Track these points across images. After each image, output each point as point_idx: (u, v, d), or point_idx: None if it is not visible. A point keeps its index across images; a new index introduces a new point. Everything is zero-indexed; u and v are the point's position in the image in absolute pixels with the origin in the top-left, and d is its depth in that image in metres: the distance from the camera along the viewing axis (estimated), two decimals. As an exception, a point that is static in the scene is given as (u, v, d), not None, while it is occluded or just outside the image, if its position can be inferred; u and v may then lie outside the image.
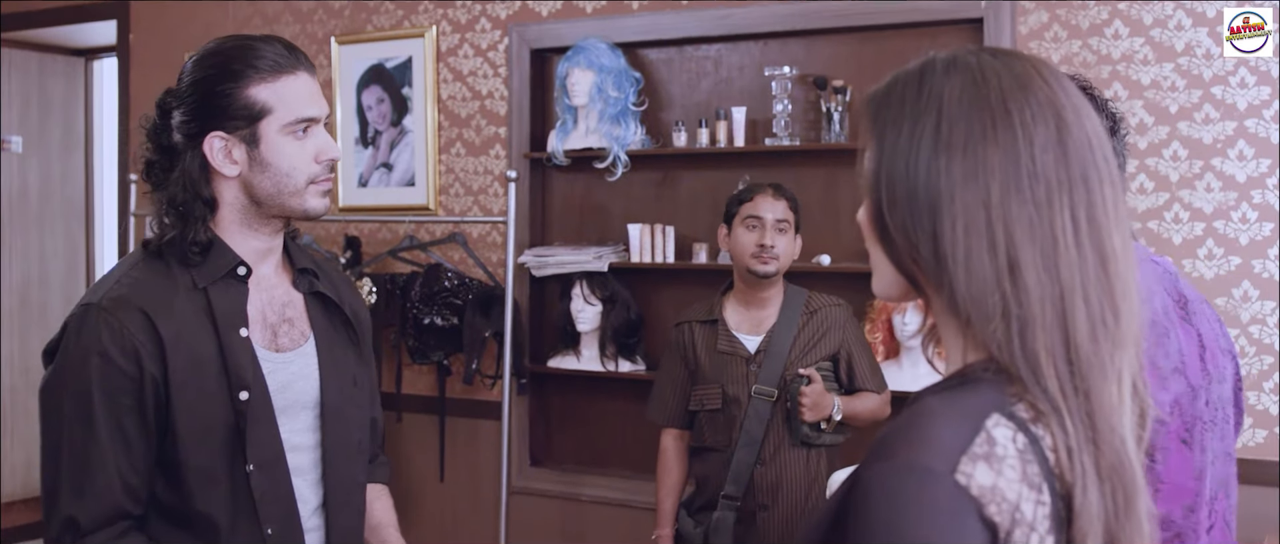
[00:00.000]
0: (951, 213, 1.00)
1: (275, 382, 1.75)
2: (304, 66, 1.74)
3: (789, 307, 2.99)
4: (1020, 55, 1.06)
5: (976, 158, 1.00)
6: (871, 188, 1.06)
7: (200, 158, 1.71)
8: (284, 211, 1.76)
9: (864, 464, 0.99)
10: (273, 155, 1.71)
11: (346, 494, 1.86)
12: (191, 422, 1.66)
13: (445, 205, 4.31)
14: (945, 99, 1.02)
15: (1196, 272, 3.27)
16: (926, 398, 1.03)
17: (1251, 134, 3.21)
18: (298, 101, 1.71)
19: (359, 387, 1.90)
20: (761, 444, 2.91)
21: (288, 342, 1.80)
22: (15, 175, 5.63)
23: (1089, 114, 1.03)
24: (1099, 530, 0.97)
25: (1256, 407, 3.21)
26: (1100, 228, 1.00)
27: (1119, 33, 3.34)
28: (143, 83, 5.09)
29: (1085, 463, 0.97)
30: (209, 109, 1.69)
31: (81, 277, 5.91)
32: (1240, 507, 3.20)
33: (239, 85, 1.68)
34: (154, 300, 1.67)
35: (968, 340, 1.04)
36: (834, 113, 3.66)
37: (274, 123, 1.70)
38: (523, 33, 4.14)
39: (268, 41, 1.73)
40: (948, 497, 0.93)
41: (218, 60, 1.71)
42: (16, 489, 5.66)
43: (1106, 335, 0.99)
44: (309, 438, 1.81)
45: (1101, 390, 0.99)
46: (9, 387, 5.60)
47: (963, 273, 1.00)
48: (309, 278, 1.87)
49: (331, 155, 1.75)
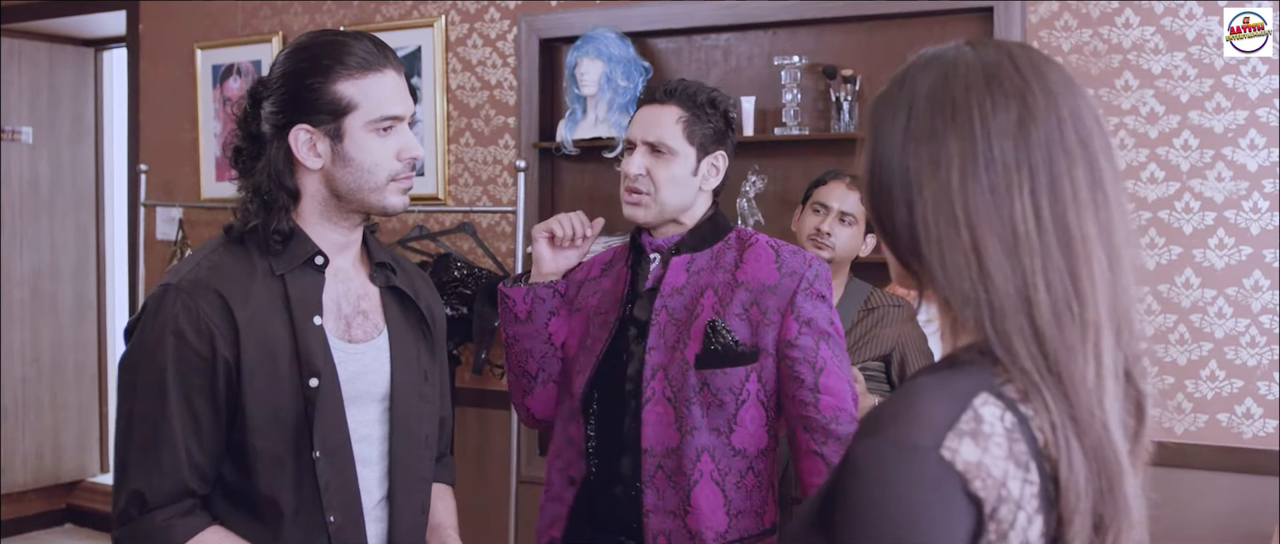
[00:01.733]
0: (922, 201, 1.03)
1: (346, 371, 1.77)
2: (391, 64, 1.76)
3: (847, 301, 2.92)
4: (1002, 44, 1.09)
5: (938, 147, 1.03)
6: (866, 182, 1.10)
7: (285, 149, 1.74)
8: (364, 207, 1.79)
9: (853, 440, 1.01)
10: (356, 151, 1.73)
11: (412, 489, 1.86)
12: (261, 406, 1.69)
13: (454, 195, 4.32)
14: (916, 93, 1.06)
15: (1207, 261, 3.27)
16: (920, 377, 1.05)
17: (1263, 123, 3.20)
18: (383, 99, 1.73)
19: (429, 382, 1.92)
20: None
21: (361, 333, 1.82)
22: (25, 166, 5.64)
23: (1068, 97, 1.04)
24: (1087, 508, 0.98)
25: (1267, 396, 3.21)
26: (1065, 212, 1.01)
27: (1129, 22, 3.33)
28: (152, 73, 5.10)
29: (1069, 439, 0.98)
30: (296, 102, 1.72)
31: (91, 267, 5.92)
32: (1249, 497, 3.21)
33: (327, 80, 1.71)
34: (231, 285, 1.70)
35: (955, 323, 1.07)
36: (843, 102, 3.66)
37: (358, 119, 1.72)
38: (532, 22, 4.14)
39: (358, 38, 1.75)
40: (933, 471, 0.95)
41: (308, 54, 1.74)
42: (29, 479, 5.69)
43: (1073, 320, 1.00)
44: (377, 430, 1.82)
45: (1073, 374, 1.00)
46: (20, 377, 5.63)
47: (938, 261, 1.03)
48: (386, 272, 1.89)
49: (413, 153, 1.77)
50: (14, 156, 5.59)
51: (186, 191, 4.98)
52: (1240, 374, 3.24)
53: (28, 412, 5.68)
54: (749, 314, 2.08)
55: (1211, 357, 3.27)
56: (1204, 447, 3.25)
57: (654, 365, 2.08)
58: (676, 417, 2.06)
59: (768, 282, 2.09)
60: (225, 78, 4.87)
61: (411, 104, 1.79)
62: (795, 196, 3.83)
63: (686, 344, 2.07)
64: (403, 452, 1.84)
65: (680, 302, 2.11)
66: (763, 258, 2.12)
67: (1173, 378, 3.30)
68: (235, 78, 4.84)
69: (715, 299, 2.09)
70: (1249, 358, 3.22)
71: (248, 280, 1.72)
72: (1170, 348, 3.30)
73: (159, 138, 5.09)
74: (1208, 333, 3.27)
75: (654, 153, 2.16)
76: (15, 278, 5.61)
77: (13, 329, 5.59)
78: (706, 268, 2.13)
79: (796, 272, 2.10)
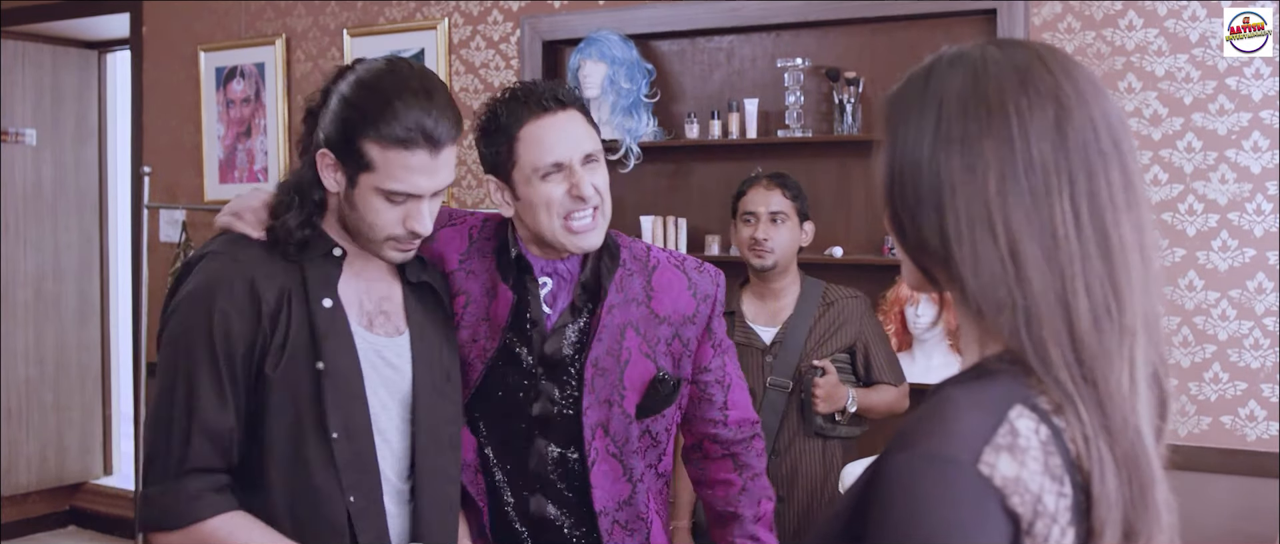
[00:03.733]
0: (954, 207, 1.00)
1: (367, 361, 1.79)
2: (430, 145, 1.70)
3: (805, 298, 2.99)
4: (1027, 44, 1.06)
5: (974, 150, 1.00)
6: (885, 185, 1.07)
7: (314, 161, 1.77)
8: (361, 245, 1.81)
9: (885, 454, 0.98)
10: (362, 204, 1.75)
11: (436, 487, 1.86)
12: (281, 387, 1.72)
13: (458, 197, 4.32)
14: (945, 94, 1.03)
15: (1211, 263, 3.26)
16: (948, 388, 1.02)
17: (1266, 125, 3.20)
18: (403, 174, 1.71)
19: (452, 382, 1.91)
20: (777, 435, 2.91)
21: (382, 332, 1.83)
22: (29, 168, 5.65)
23: (1098, 100, 1.03)
24: (1118, 518, 0.97)
25: (1270, 399, 3.20)
26: (1103, 214, 1.00)
27: (1132, 24, 3.33)
28: (155, 76, 5.11)
29: (1102, 450, 0.97)
30: (333, 129, 1.74)
31: (95, 269, 5.93)
32: (1252, 499, 3.21)
33: (359, 132, 1.70)
34: (257, 268, 1.74)
35: (983, 332, 1.03)
36: (846, 104, 3.66)
37: (372, 180, 1.72)
38: (535, 24, 4.14)
39: (416, 105, 1.69)
40: (971, 487, 0.93)
41: (362, 96, 1.72)
42: (32, 481, 5.69)
43: (1111, 325, 0.99)
44: (400, 427, 1.83)
45: (1110, 380, 0.98)
46: (23, 378, 5.63)
47: (970, 266, 1.00)
48: (417, 267, 1.90)
49: (417, 228, 1.76)
50: (18, 158, 5.60)
51: (190, 194, 4.98)
52: (1243, 376, 3.23)
53: (31, 413, 5.68)
54: (671, 348, 1.99)
55: (1215, 359, 3.26)
56: (1207, 449, 3.24)
57: (593, 424, 1.92)
58: (624, 469, 1.96)
59: (686, 312, 1.99)
60: (228, 80, 4.87)
61: (438, 183, 1.74)
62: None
63: (624, 395, 1.93)
64: (426, 450, 1.84)
65: (602, 349, 1.93)
66: (675, 285, 1.99)
67: (1176, 380, 3.29)
68: (238, 80, 4.84)
69: (639, 339, 1.95)
70: (1253, 360, 3.22)
71: (270, 265, 1.76)
72: (1174, 350, 3.29)
73: (162, 140, 5.09)
74: (1211, 335, 3.26)
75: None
76: (19, 279, 5.61)
77: (16, 331, 5.59)
78: (618, 304, 1.94)
79: (709, 295, 2.02)
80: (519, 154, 1.86)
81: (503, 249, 1.97)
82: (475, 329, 1.95)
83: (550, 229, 1.87)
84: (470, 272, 1.98)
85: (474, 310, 1.96)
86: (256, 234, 1.78)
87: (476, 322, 1.95)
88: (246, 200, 1.83)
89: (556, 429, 1.94)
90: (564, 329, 1.94)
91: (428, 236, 1.81)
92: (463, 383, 1.95)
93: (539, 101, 1.87)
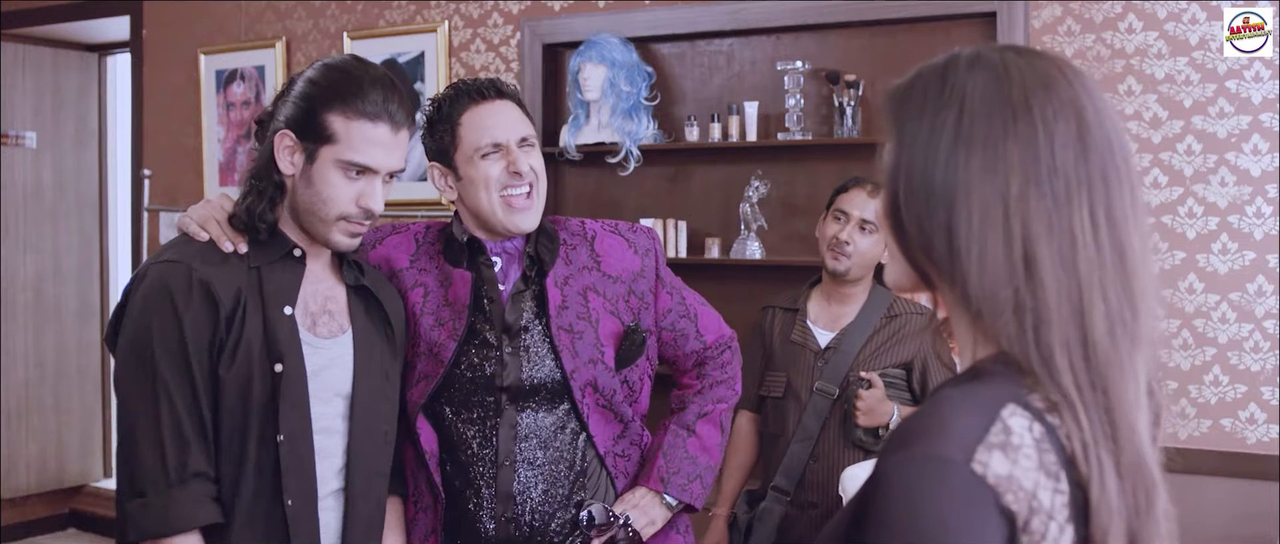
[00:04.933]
0: (968, 206, 1.01)
1: (312, 364, 1.84)
2: (392, 122, 1.82)
3: (869, 308, 2.90)
4: (1044, 54, 1.07)
5: (996, 152, 1.01)
6: (890, 179, 1.07)
7: (271, 145, 1.83)
8: (311, 231, 1.85)
9: (881, 456, 0.99)
10: (319, 178, 1.81)
11: (367, 484, 1.92)
12: (232, 389, 1.75)
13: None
14: (968, 94, 1.03)
15: (1211, 266, 3.26)
16: (944, 390, 1.03)
17: (1266, 128, 3.20)
18: (364, 146, 1.80)
19: (390, 382, 1.97)
20: (817, 440, 2.84)
21: (325, 331, 1.89)
22: (29, 170, 5.65)
23: (1110, 114, 1.04)
24: (1121, 527, 0.97)
25: (1270, 402, 3.20)
26: (1119, 226, 1.01)
27: (1132, 27, 3.34)
28: (155, 78, 5.11)
29: (1103, 458, 0.97)
30: (295, 110, 1.81)
31: (95, 272, 5.93)
32: (1252, 502, 3.21)
33: (325, 106, 1.79)
34: (211, 271, 1.78)
35: (978, 334, 1.04)
36: (847, 107, 3.66)
37: (332, 153, 1.80)
38: (535, 27, 4.15)
39: (383, 87, 1.82)
40: (965, 486, 0.94)
41: (330, 76, 1.82)
42: (31, 484, 5.69)
43: (1125, 333, 1.00)
44: (338, 424, 1.88)
45: (1120, 388, 0.99)
46: (23, 380, 5.63)
47: (976, 267, 1.00)
48: (356, 270, 1.96)
49: (370, 205, 1.83)
50: (18, 161, 5.60)
51: (190, 196, 4.98)
52: (1243, 379, 3.23)
53: (31, 416, 5.68)
54: (630, 303, 2.14)
55: (1215, 362, 3.26)
56: (1207, 452, 3.24)
57: (582, 385, 2.05)
58: (616, 416, 2.12)
59: (634, 268, 2.15)
60: (229, 83, 4.87)
61: (396, 163, 1.84)
62: (798, 201, 3.84)
63: (603, 351, 2.08)
64: (362, 447, 1.90)
65: (570, 316, 2.07)
66: (616, 247, 2.15)
67: (1176, 383, 3.29)
68: (238, 82, 4.84)
69: (601, 299, 2.11)
70: (1253, 363, 3.22)
71: (224, 269, 1.80)
72: (1173, 353, 3.29)
73: (162, 143, 5.10)
74: (1211, 338, 3.26)
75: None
76: (18, 282, 5.61)
77: (16, 333, 5.59)
78: (573, 273, 2.10)
79: (650, 248, 2.18)
80: (461, 137, 2.04)
81: (450, 242, 2.12)
82: (439, 314, 2.08)
83: (489, 205, 2.03)
84: (422, 268, 2.12)
85: (434, 298, 2.09)
86: (225, 244, 1.81)
87: (439, 307, 2.08)
88: (208, 210, 1.88)
89: (533, 396, 2.06)
90: (521, 297, 2.08)
91: (375, 240, 1.95)
92: (434, 366, 2.04)
93: (479, 91, 2.06)
